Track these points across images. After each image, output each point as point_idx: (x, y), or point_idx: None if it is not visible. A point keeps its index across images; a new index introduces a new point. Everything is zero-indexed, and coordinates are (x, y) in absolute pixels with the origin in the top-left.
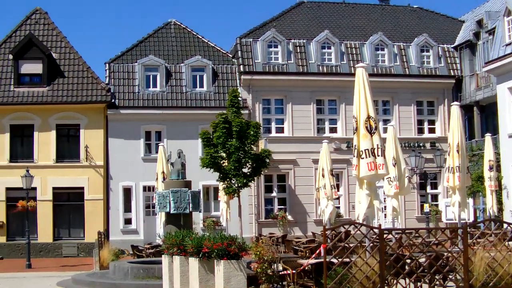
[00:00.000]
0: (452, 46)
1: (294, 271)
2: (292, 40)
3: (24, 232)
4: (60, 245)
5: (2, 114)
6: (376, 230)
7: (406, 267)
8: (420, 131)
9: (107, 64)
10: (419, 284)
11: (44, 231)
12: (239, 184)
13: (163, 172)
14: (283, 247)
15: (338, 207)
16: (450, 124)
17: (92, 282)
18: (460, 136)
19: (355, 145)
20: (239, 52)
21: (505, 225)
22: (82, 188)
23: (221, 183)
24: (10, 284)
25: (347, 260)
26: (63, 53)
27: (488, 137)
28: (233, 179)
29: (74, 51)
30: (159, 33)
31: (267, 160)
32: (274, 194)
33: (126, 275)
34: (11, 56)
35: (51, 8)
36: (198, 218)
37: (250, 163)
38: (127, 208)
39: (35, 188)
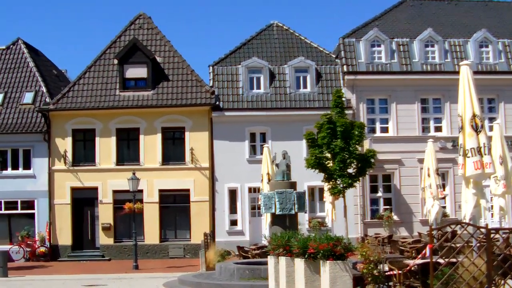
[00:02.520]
0: None
1: (400, 272)
2: (395, 39)
3: (131, 234)
4: (167, 246)
5: (109, 118)
6: (483, 230)
7: None
8: None
9: (211, 67)
10: None
11: (151, 233)
12: (344, 185)
13: (268, 173)
14: (389, 248)
15: (444, 207)
16: None
17: (198, 283)
18: None
19: (460, 144)
20: (342, 52)
21: None
22: (188, 190)
23: (326, 183)
24: (118, 285)
25: (454, 260)
26: (167, 56)
27: None
28: (338, 179)
29: (178, 55)
30: (262, 35)
31: (372, 160)
32: (379, 194)
33: (232, 276)
34: (116, 61)
35: (155, 13)
36: (303, 219)
37: (355, 164)
38: (233, 209)
39: (141, 191)
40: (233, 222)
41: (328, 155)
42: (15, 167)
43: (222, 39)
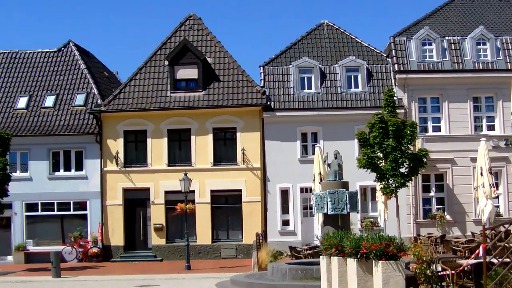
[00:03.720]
0: None
1: (453, 272)
2: (447, 37)
3: (183, 234)
4: (219, 246)
5: (160, 119)
6: None
7: None
8: None
9: (261, 67)
10: None
11: (203, 233)
12: (397, 184)
13: (320, 173)
14: (441, 247)
15: (498, 206)
16: None
17: (251, 283)
18: None
19: None
20: (393, 51)
21: None
22: (240, 190)
23: (379, 183)
24: (170, 285)
25: (508, 260)
26: (218, 57)
27: None
28: (390, 179)
29: (229, 55)
30: (312, 34)
31: (424, 160)
32: (432, 193)
33: (284, 276)
34: (166, 62)
35: (205, 13)
36: (355, 218)
37: (407, 163)
38: (285, 209)
39: (193, 191)
40: (285, 222)
41: (380, 154)
42: (67, 168)
43: (272, 39)
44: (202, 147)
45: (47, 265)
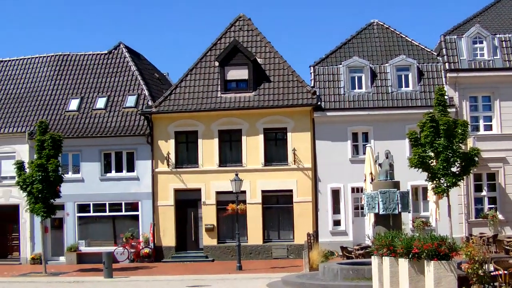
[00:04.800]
0: None
1: (505, 272)
2: (498, 35)
3: (234, 235)
4: (270, 247)
5: (211, 120)
6: None
7: None
8: None
9: (312, 67)
10: None
11: (254, 234)
12: (448, 184)
13: (371, 173)
14: (494, 247)
15: None
16: None
17: (302, 284)
18: None
19: None
20: (444, 49)
21: None
22: (291, 190)
23: (430, 183)
24: (221, 285)
25: None
26: (268, 58)
27: None
28: (442, 178)
29: (279, 56)
30: (362, 34)
31: (476, 159)
32: (484, 193)
33: (335, 276)
34: (217, 63)
35: (255, 14)
36: (407, 218)
37: (458, 162)
38: (336, 209)
39: (244, 192)
40: (336, 222)
41: (431, 154)
42: (119, 169)
43: (322, 39)
44: (253, 147)
45: (99, 266)
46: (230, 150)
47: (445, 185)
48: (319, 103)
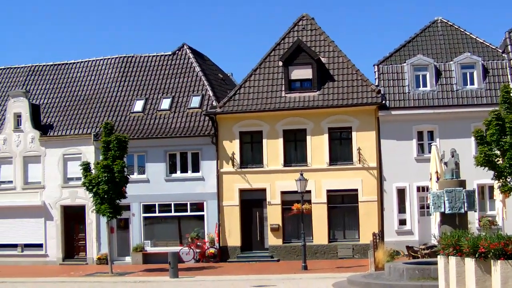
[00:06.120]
0: None
1: None
2: None
3: (299, 235)
4: (335, 246)
5: (275, 120)
6: None
7: None
8: None
9: (376, 66)
10: None
11: (319, 233)
12: None
13: (436, 172)
14: None
15: None
16: None
17: (368, 283)
18: None
19: None
20: (509, 46)
21: None
22: (356, 190)
23: (496, 181)
24: (287, 285)
25: None
26: (332, 57)
27: None
28: (508, 177)
29: (343, 55)
30: (426, 32)
31: None
32: None
33: (401, 276)
34: (280, 63)
35: (318, 13)
36: (473, 217)
37: None
38: (401, 208)
39: (309, 191)
40: (402, 222)
41: (498, 152)
42: (184, 170)
43: (386, 37)
44: (318, 147)
45: (165, 266)
46: (294, 150)
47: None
48: (383, 101)
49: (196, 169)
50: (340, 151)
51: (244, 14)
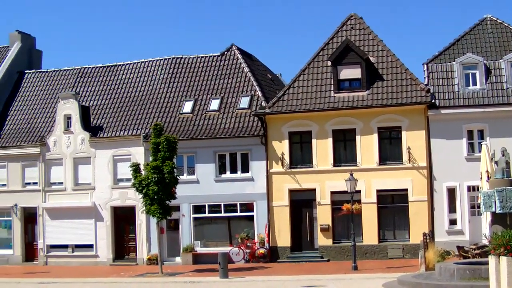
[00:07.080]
0: None
1: None
2: None
3: (349, 235)
4: (385, 247)
5: (325, 120)
6: None
7: None
8: None
9: (425, 65)
10: None
11: (369, 233)
12: None
13: (487, 171)
14: None
15: None
16: None
17: (418, 284)
18: None
19: None
20: None
21: None
22: (406, 189)
23: None
24: (337, 285)
25: None
26: (380, 56)
27: None
28: None
29: (391, 54)
30: (475, 30)
31: None
32: None
33: (452, 276)
34: (329, 63)
35: (366, 13)
36: None
37: None
38: (452, 208)
39: (359, 191)
40: (452, 222)
41: None
42: (233, 170)
43: (434, 36)
44: (367, 146)
45: (215, 266)
46: (344, 150)
47: None
48: (433, 100)
49: (245, 169)
50: (390, 150)
51: (293, 14)
